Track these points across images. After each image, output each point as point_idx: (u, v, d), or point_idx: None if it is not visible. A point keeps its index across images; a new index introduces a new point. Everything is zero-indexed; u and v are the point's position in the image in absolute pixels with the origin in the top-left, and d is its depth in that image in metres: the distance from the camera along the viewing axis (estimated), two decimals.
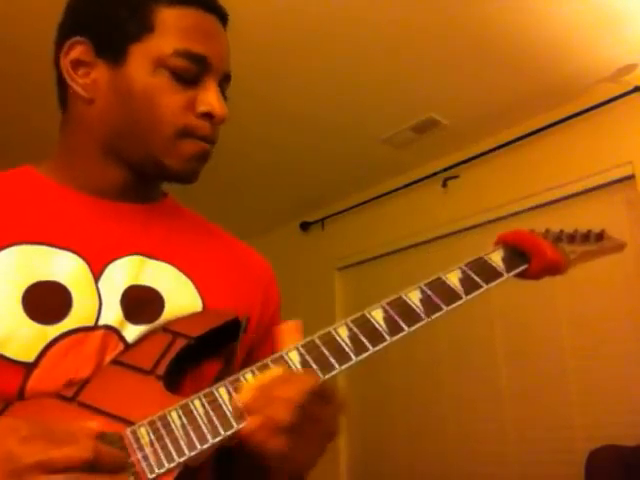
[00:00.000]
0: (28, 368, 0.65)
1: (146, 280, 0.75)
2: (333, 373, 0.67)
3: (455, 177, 3.28)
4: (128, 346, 0.70)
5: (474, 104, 2.89)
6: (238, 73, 2.85)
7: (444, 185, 3.32)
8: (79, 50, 0.78)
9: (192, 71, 0.77)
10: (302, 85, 2.74)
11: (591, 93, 2.76)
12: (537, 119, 2.95)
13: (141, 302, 0.73)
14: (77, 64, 0.78)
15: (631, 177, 2.66)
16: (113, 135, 0.78)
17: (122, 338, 0.70)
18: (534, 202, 2.90)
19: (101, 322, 0.70)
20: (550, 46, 2.47)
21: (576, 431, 2.61)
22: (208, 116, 0.78)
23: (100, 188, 0.80)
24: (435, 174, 3.33)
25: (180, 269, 0.78)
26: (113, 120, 0.78)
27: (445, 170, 3.30)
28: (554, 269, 0.82)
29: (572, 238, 0.88)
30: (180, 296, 0.76)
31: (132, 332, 0.71)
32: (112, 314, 0.71)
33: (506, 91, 2.79)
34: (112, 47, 0.77)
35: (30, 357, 0.66)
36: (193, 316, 0.75)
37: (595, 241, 0.91)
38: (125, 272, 0.74)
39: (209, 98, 0.78)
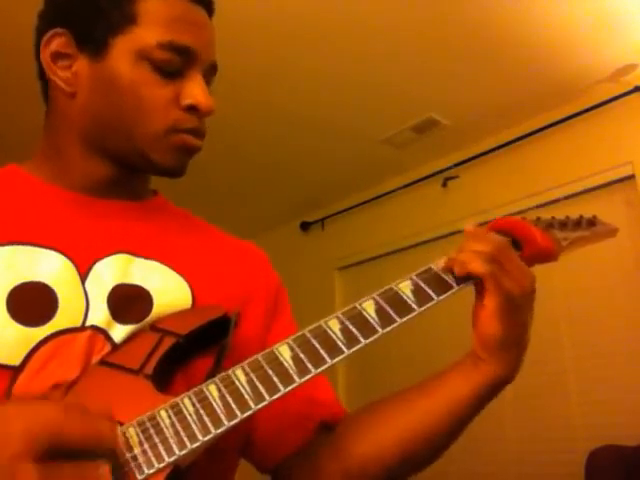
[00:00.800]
0: (14, 372, 0.64)
1: (134, 278, 0.73)
2: (325, 367, 0.66)
3: (455, 177, 3.28)
4: (115, 346, 0.69)
5: (474, 104, 2.89)
6: (239, 74, 2.87)
7: (444, 185, 3.32)
8: (59, 42, 0.76)
9: (176, 63, 0.74)
10: (302, 85, 2.74)
11: (591, 93, 2.76)
12: (537, 119, 2.94)
13: (128, 301, 0.71)
14: (57, 56, 0.76)
15: (631, 177, 2.66)
16: (97, 129, 0.77)
17: (109, 338, 0.69)
18: (534, 202, 2.89)
19: (88, 323, 0.68)
20: (550, 46, 2.47)
21: (576, 431, 2.60)
22: (193, 109, 0.75)
23: (85, 185, 0.78)
24: (435, 174, 3.33)
25: (170, 266, 0.77)
26: (96, 114, 0.76)
27: (445, 170, 3.30)
28: (546, 256, 0.80)
29: (564, 225, 0.86)
30: (170, 293, 0.74)
31: (120, 332, 0.69)
32: (99, 314, 0.69)
33: (506, 91, 2.79)
34: (93, 39, 0.75)
35: (15, 360, 0.64)
36: (182, 313, 0.73)
37: (587, 227, 0.89)
38: (112, 271, 0.73)
39: (194, 90, 0.75)
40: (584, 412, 2.61)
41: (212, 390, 0.62)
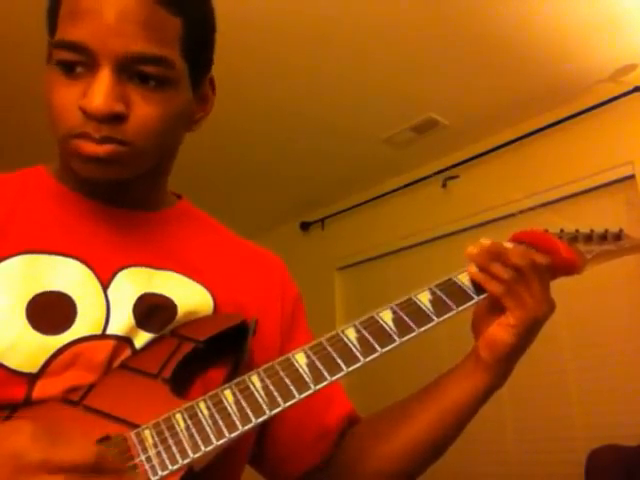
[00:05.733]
0: (32, 379, 0.64)
1: (158, 288, 0.73)
2: (340, 375, 0.66)
3: (455, 177, 3.28)
4: (136, 351, 0.69)
5: (474, 104, 2.90)
6: (239, 74, 2.86)
7: (444, 185, 3.33)
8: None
9: (74, 62, 0.67)
10: (302, 85, 2.74)
11: (591, 93, 2.76)
12: (537, 119, 2.95)
13: (154, 310, 0.71)
14: None
15: (631, 177, 2.66)
16: None
17: (133, 347, 0.69)
18: (534, 202, 2.89)
19: (110, 331, 0.68)
20: (550, 46, 2.47)
21: (576, 431, 2.61)
22: (84, 111, 0.67)
23: (88, 191, 0.77)
24: (435, 174, 3.34)
25: (189, 276, 0.77)
26: None
27: (445, 170, 3.30)
28: (569, 269, 0.80)
29: (589, 238, 0.85)
30: (193, 302, 0.75)
31: (144, 340, 0.70)
32: (122, 322, 0.69)
33: (506, 91, 2.79)
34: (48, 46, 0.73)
35: (34, 368, 0.64)
36: (201, 320, 0.74)
37: (613, 241, 0.88)
38: (136, 281, 0.73)
39: (87, 90, 0.67)
40: (584, 412, 2.61)
41: (227, 395, 0.63)
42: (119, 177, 0.71)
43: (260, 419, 0.61)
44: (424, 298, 0.74)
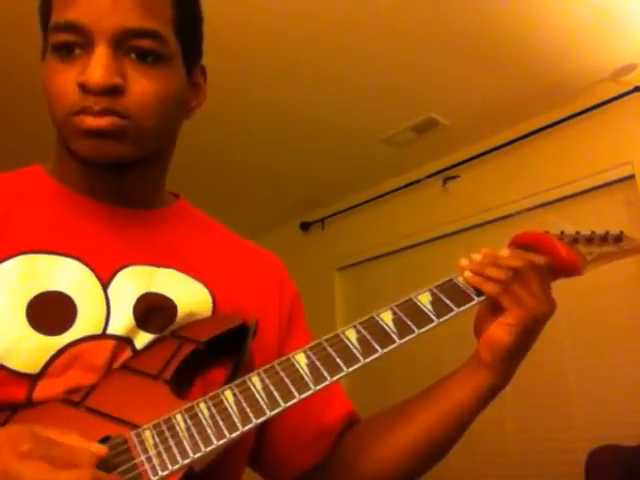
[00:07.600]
0: (33, 379, 0.64)
1: (158, 287, 0.73)
2: (341, 375, 0.66)
3: (455, 177, 3.28)
4: (136, 352, 0.69)
5: (474, 104, 2.89)
6: (240, 74, 2.85)
7: (444, 185, 3.33)
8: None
9: (69, 43, 0.69)
10: (302, 86, 2.74)
11: (591, 93, 2.76)
12: (537, 119, 2.95)
13: (154, 310, 0.71)
14: None
15: (631, 177, 2.66)
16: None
17: (134, 347, 0.69)
18: (534, 202, 2.89)
19: (110, 331, 0.68)
20: (550, 46, 2.47)
21: (576, 431, 2.61)
22: (82, 87, 0.68)
23: (86, 188, 0.77)
24: (435, 174, 3.33)
25: (190, 274, 0.77)
26: None
27: (445, 170, 3.30)
28: (570, 270, 0.81)
29: (589, 240, 0.86)
30: (192, 301, 0.74)
31: (145, 340, 0.70)
32: (122, 322, 0.69)
33: (506, 91, 2.79)
34: (43, 39, 0.75)
35: (35, 369, 0.64)
36: (201, 321, 0.74)
37: (614, 242, 0.89)
38: (136, 280, 0.73)
39: (85, 67, 0.68)
40: (584, 412, 2.61)
41: (228, 395, 0.63)
42: (120, 155, 0.71)
43: (260, 419, 0.61)
44: (424, 299, 0.74)
